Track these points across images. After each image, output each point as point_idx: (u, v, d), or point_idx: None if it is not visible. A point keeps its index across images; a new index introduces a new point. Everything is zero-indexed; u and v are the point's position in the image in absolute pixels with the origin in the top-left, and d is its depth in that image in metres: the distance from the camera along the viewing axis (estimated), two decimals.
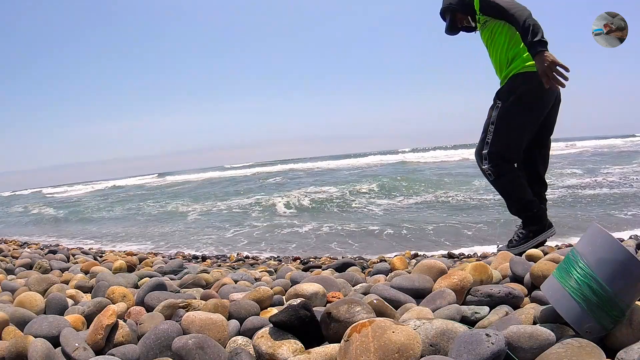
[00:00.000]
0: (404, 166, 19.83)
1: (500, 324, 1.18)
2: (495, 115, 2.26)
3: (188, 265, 3.06)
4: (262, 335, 1.23)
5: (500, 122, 2.25)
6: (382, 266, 2.40)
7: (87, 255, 4.07)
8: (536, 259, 1.63)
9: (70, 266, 2.96)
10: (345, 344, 1.04)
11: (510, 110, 2.22)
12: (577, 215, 5.56)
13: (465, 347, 0.97)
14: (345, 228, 6.14)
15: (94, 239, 7.32)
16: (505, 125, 2.24)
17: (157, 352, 1.24)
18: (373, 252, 4.53)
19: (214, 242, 6.05)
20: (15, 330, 1.46)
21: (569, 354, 0.93)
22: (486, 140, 2.29)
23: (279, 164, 40.49)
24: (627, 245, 2.12)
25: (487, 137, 2.29)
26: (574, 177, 9.55)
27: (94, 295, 1.93)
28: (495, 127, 2.26)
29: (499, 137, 2.25)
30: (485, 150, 2.29)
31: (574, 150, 21.46)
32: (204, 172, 37.56)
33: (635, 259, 0.97)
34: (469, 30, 2.57)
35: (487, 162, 2.28)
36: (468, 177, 11.17)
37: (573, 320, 1.02)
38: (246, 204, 10.09)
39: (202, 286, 2.20)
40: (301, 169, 25.74)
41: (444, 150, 31.35)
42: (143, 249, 5.69)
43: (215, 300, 1.54)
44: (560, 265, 1.14)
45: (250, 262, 4.10)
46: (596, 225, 1.06)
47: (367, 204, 8.02)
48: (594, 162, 13.60)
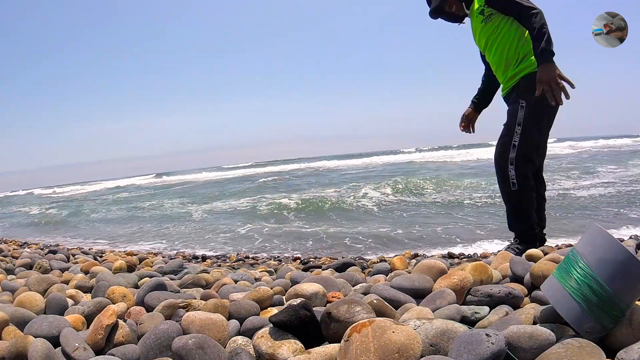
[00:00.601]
0: (406, 166, 19.83)
1: (500, 324, 1.18)
2: (522, 115, 2.14)
3: (188, 265, 3.07)
4: (262, 335, 1.23)
5: (528, 122, 2.13)
6: (382, 266, 2.40)
7: (87, 255, 4.07)
8: (536, 259, 1.63)
9: (70, 266, 2.96)
10: (345, 344, 1.04)
11: (536, 109, 2.13)
12: (577, 215, 5.56)
13: (465, 347, 0.97)
14: (347, 228, 6.14)
15: (94, 240, 7.33)
16: (533, 126, 2.14)
17: (157, 352, 1.24)
18: (374, 252, 4.53)
19: (215, 242, 6.05)
20: (15, 330, 1.46)
21: (569, 354, 0.93)
22: (512, 142, 2.15)
23: (279, 164, 40.52)
24: (627, 245, 2.12)
25: (514, 139, 2.14)
26: (573, 177, 9.55)
27: (94, 295, 1.93)
28: (523, 127, 2.13)
29: (527, 138, 2.13)
30: (512, 154, 2.14)
31: (574, 150, 21.46)
32: (205, 172, 37.59)
33: (635, 259, 0.97)
34: (452, 19, 2.45)
35: (515, 169, 2.14)
36: (473, 176, 11.17)
37: (573, 320, 1.02)
38: (247, 204, 10.09)
39: (202, 286, 2.20)
40: (302, 169, 25.75)
41: (445, 151, 31.37)
42: (144, 250, 5.69)
43: (215, 300, 1.54)
44: (560, 265, 1.14)
45: (250, 262, 4.10)
46: (596, 225, 1.06)
47: (369, 205, 8.02)
48: (594, 162, 13.60)
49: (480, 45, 2.43)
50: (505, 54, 2.24)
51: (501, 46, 2.25)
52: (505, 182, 2.19)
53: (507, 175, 2.17)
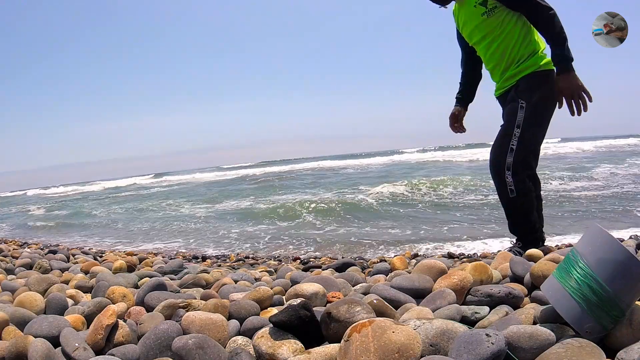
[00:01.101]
0: (407, 166, 19.83)
1: (500, 324, 1.18)
2: (522, 116, 2.02)
3: (188, 265, 3.07)
4: (262, 335, 1.23)
5: (527, 125, 2.03)
6: (382, 266, 2.40)
7: (87, 255, 4.07)
8: (536, 259, 1.63)
9: (70, 266, 2.96)
10: (345, 344, 1.04)
11: (536, 111, 2.03)
12: (577, 215, 5.56)
13: (465, 347, 0.97)
14: (347, 227, 6.14)
15: (95, 240, 7.32)
16: (532, 128, 2.03)
17: (157, 352, 1.24)
18: (374, 252, 4.53)
19: (215, 242, 6.05)
20: (15, 330, 1.46)
21: (569, 354, 0.93)
22: (510, 146, 2.04)
23: (279, 164, 40.53)
24: (627, 245, 2.12)
25: (512, 143, 2.03)
26: (573, 177, 9.55)
27: (94, 295, 1.93)
28: (522, 130, 2.02)
29: (524, 141, 2.03)
30: (510, 159, 2.03)
31: (574, 150, 21.46)
32: (207, 172, 37.58)
33: (635, 259, 0.97)
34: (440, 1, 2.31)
35: (512, 175, 2.04)
36: (473, 176, 11.16)
37: (573, 320, 1.02)
38: (247, 204, 10.09)
39: (202, 286, 2.20)
40: (302, 169, 25.75)
41: (445, 151, 31.38)
42: (158, 248, 5.69)
43: (215, 300, 1.54)
44: (560, 265, 1.14)
45: (250, 262, 4.10)
46: (596, 225, 1.06)
47: (368, 204, 8.02)
48: (594, 162, 13.60)
49: (473, 38, 2.26)
50: (508, 53, 2.12)
51: (504, 44, 2.12)
52: (503, 188, 2.09)
53: (505, 181, 2.07)
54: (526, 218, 2.14)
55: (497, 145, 2.13)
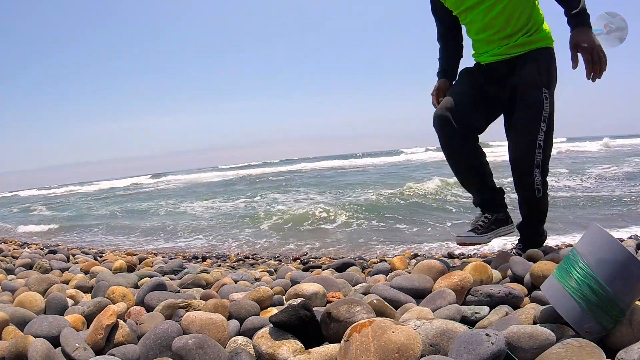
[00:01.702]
0: (406, 165, 19.83)
1: (500, 324, 1.18)
2: (547, 109, 1.81)
3: (188, 265, 3.07)
4: (262, 335, 1.23)
5: (551, 119, 1.83)
6: (382, 266, 2.39)
7: (87, 255, 4.07)
8: (536, 259, 1.63)
9: (70, 266, 2.96)
10: (345, 344, 1.04)
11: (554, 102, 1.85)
12: (576, 215, 5.56)
13: (465, 347, 0.97)
14: (347, 227, 6.14)
15: (95, 240, 7.33)
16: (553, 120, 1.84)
17: (157, 352, 1.24)
18: (374, 252, 4.53)
19: (215, 242, 6.05)
20: (15, 330, 1.46)
21: (569, 354, 0.93)
22: (538, 142, 1.82)
23: (279, 164, 40.52)
24: (627, 245, 2.12)
25: (539, 138, 1.82)
26: (572, 177, 9.55)
27: (94, 295, 1.93)
28: (548, 124, 1.83)
29: (550, 138, 1.86)
30: (539, 156, 1.83)
31: (575, 150, 21.46)
32: (206, 172, 37.59)
33: (635, 259, 0.97)
34: None
35: (541, 173, 1.85)
36: None
37: (573, 320, 1.02)
38: (247, 204, 10.09)
39: (202, 286, 2.20)
40: (302, 169, 25.75)
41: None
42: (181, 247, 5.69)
43: (215, 300, 1.54)
44: (560, 265, 1.14)
45: (250, 262, 4.10)
46: (596, 225, 1.06)
47: (369, 204, 8.02)
48: (594, 162, 13.60)
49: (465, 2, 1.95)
50: (516, 19, 1.85)
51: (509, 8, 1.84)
52: (529, 187, 1.88)
53: (533, 180, 1.86)
54: (544, 219, 2.04)
55: (522, 141, 1.88)
